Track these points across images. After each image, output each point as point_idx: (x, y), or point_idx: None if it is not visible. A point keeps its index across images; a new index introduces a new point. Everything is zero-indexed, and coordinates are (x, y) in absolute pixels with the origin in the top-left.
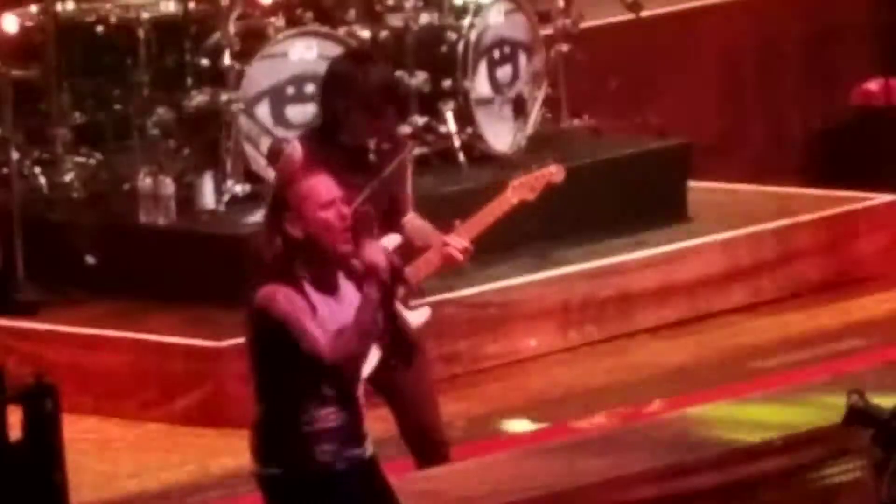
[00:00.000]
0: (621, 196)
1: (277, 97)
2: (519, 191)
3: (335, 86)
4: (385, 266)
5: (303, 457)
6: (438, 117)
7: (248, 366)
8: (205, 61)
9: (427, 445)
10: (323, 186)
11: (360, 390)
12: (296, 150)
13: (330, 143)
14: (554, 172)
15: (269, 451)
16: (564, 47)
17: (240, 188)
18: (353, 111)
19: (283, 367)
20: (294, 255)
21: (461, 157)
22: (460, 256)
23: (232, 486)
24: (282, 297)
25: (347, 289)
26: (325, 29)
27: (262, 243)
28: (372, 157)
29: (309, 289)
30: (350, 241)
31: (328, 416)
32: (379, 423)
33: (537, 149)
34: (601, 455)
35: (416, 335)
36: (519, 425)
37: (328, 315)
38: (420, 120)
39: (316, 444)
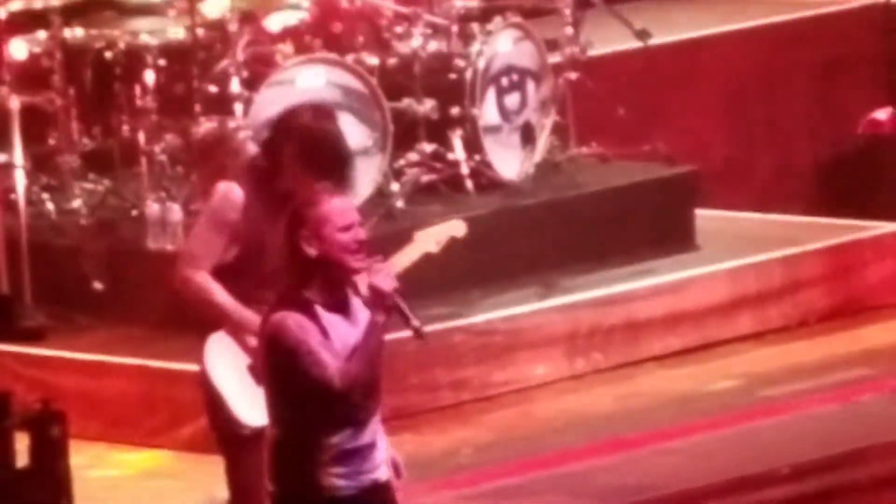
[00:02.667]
0: (628, 224)
1: None
2: (423, 243)
3: (289, 130)
4: (392, 292)
5: (314, 480)
6: (446, 145)
7: (264, 389)
8: (213, 88)
9: None
10: (342, 209)
11: (376, 414)
12: (233, 193)
13: (266, 186)
14: (456, 227)
15: (282, 473)
16: (573, 75)
17: None
18: (298, 160)
19: (295, 391)
20: (307, 274)
21: (469, 184)
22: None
23: None
24: (293, 324)
25: (359, 309)
26: (333, 56)
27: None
28: None
29: (321, 311)
30: (364, 261)
31: (341, 441)
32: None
33: (545, 176)
34: (604, 484)
35: None
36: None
37: (340, 336)
38: (428, 147)
39: (328, 468)
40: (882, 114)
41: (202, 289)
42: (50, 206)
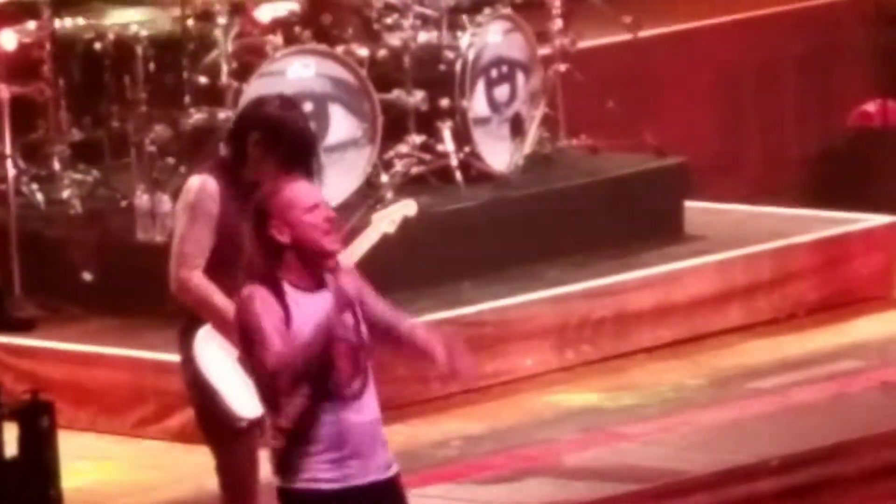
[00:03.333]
0: (618, 216)
1: None
2: (379, 224)
3: (253, 120)
4: (354, 297)
5: (301, 471)
6: (436, 136)
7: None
8: (203, 79)
9: None
10: (305, 191)
11: (368, 405)
12: (208, 184)
13: (235, 177)
14: (408, 206)
15: (278, 464)
16: (562, 67)
17: None
18: (263, 149)
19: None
20: (280, 259)
21: (458, 176)
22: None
23: None
24: (257, 299)
25: (332, 285)
26: (322, 47)
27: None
28: None
29: (289, 289)
30: (337, 241)
31: (324, 432)
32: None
33: (535, 168)
34: (593, 475)
35: None
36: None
37: (308, 314)
38: (417, 139)
39: (311, 458)
40: (871, 106)
41: (201, 290)
42: (39, 196)
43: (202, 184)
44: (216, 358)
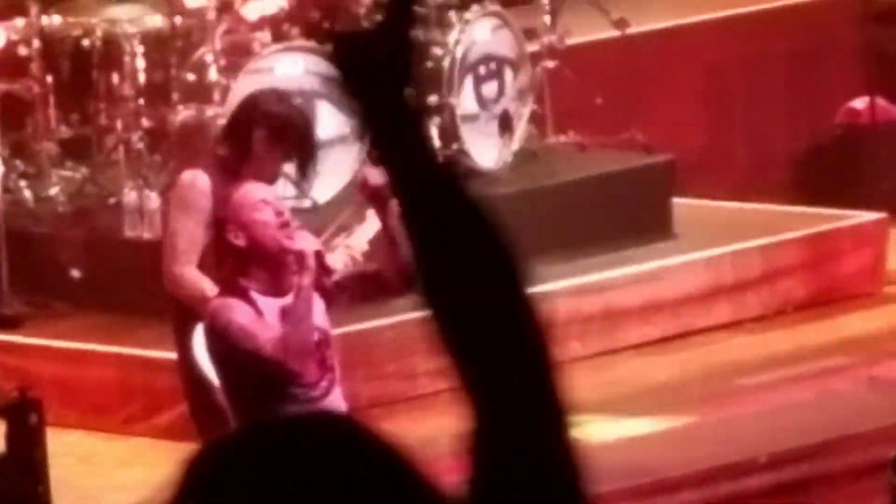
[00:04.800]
0: (606, 213)
1: None
2: (374, 221)
3: (256, 116)
4: (311, 252)
5: None
6: None
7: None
8: (191, 76)
9: None
10: (252, 189)
11: (334, 383)
12: (200, 180)
13: (225, 176)
14: None
15: None
16: (550, 64)
17: None
18: (271, 145)
19: (243, 375)
20: (242, 265)
21: None
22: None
23: None
24: (219, 306)
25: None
26: (311, 44)
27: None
28: None
29: (256, 296)
30: (291, 236)
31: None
32: None
33: (523, 165)
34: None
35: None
36: None
37: (279, 318)
38: None
39: None
40: (859, 103)
41: (194, 286)
42: (27, 193)
43: (194, 179)
44: None
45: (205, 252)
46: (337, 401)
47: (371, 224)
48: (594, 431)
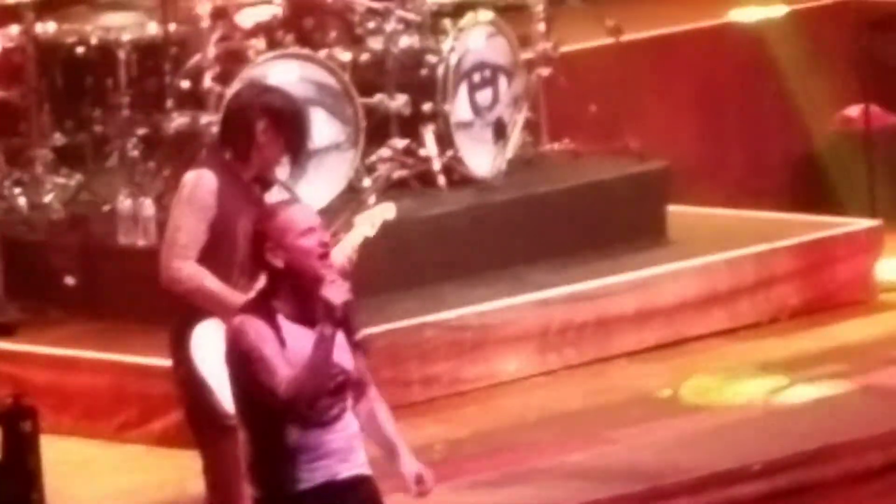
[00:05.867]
0: (600, 220)
1: None
2: (361, 228)
3: (259, 110)
4: (339, 305)
5: (284, 479)
6: (418, 140)
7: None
8: (185, 83)
9: None
10: (301, 215)
11: (345, 410)
12: (206, 178)
13: (227, 175)
14: (387, 209)
15: (254, 473)
16: (545, 71)
17: None
18: (274, 135)
19: (251, 393)
20: (276, 285)
21: (441, 180)
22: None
23: None
24: (250, 329)
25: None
26: (305, 52)
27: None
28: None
29: (283, 321)
30: (330, 266)
31: (306, 441)
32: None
33: (517, 172)
34: (576, 479)
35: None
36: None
37: (300, 348)
38: (400, 143)
39: (297, 465)
40: (853, 110)
41: (193, 277)
42: (21, 200)
43: (199, 177)
44: (211, 354)
45: (242, 261)
46: (346, 427)
47: (359, 231)
48: (589, 438)
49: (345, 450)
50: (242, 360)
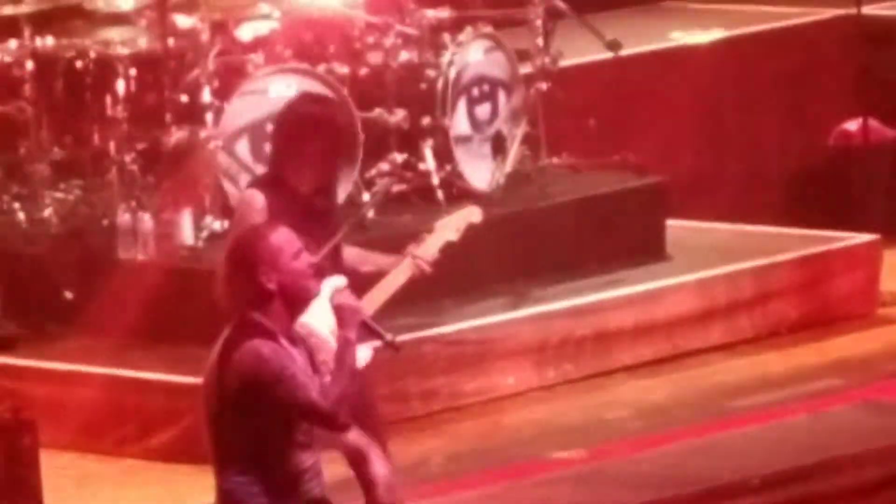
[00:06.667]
0: (599, 234)
1: (257, 134)
2: (443, 232)
3: (303, 127)
4: (359, 308)
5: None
6: (417, 154)
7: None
8: (184, 98)
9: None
10: (288, 236)
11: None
12: (256, 198)
13: (283, 191)
14: (472, 212)
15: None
16: (544, 86)
17: (218, 224)
18: (320, 152)
19: (267, 421)
20: (266, 307)
21: (440, 194)
22: (429, 268)
23: None
24: (269, 352)
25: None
26: (304, 66)
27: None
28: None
29: (284, 341)
30: (318, 285)
31: (303, 459)
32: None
33: (516, 187)
34: (577, 492)
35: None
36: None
37: (302, 363)
38: (399, 157)
39: (300, 487)
40: (852, 125)
41: None
42: (21, 215)
43: (248, 197)
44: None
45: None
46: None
47: (440, 236)
48: (587, 452)
49: (320, 470)
50: (272, 384)
